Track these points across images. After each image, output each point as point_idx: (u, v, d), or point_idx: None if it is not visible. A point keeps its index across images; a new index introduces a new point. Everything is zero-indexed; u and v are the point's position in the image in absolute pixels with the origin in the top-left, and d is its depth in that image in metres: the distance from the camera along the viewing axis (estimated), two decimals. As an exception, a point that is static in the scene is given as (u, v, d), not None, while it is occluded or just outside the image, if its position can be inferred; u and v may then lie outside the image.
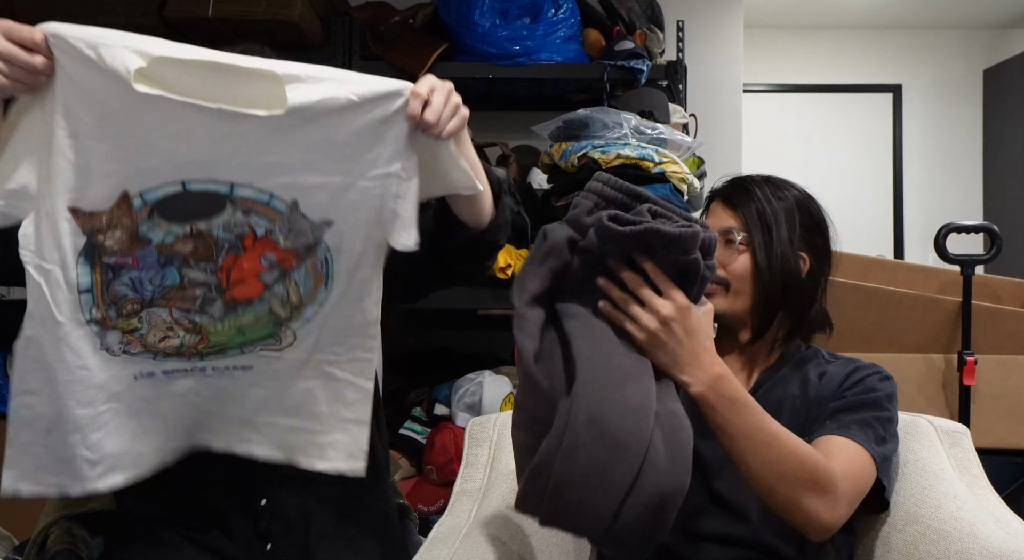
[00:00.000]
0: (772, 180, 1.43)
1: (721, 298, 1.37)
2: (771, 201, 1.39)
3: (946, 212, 5.04)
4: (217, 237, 1.16)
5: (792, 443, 1.17)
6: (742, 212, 1.38)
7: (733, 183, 1.43)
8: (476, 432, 1.59)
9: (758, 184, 1.41)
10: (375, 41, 2.76)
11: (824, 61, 5.54)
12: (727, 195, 1.42)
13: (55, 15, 2.58)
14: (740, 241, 1.37)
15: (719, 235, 1.36)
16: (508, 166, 2.98)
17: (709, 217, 1.44)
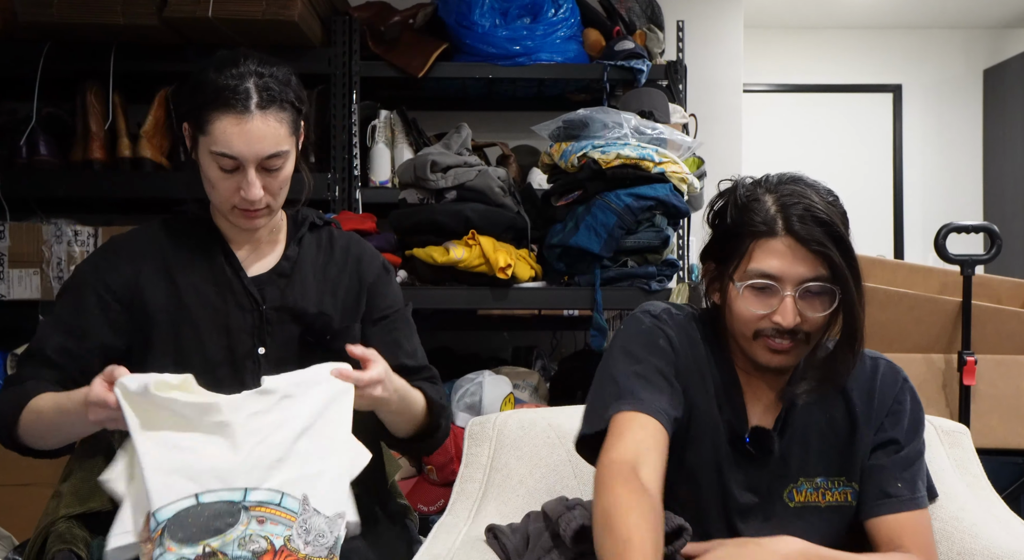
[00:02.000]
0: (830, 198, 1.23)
1: (795, 353, 1.23)
2: (848, 240, 1.21)
3: (946, 212, 5.03)
4: (233, 557, 1.16)
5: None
6: (830, 260, 1.17)
7: (816, 220, 1.18)
8: (476, 432, 1.59)
9: (833, 215, 1.20)
10: (375, 41, 2.76)
11: (824, 61, 5.54)
12: (810, 237, 1.17)
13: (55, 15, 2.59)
14: (826, 292, 1.19)
15: (801, 286, 1.18)
16: (508, 166, 2.98)
17: (773, 260, 1.19)
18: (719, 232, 1.27)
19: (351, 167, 2.73)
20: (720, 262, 1.26)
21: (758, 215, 1.19)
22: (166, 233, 1.51)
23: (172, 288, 1.45)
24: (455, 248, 2.21)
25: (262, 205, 1.42)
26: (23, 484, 2.34)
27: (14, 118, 2.78)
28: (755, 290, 1.19)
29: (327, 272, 1.55)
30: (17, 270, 2.57)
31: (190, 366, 1.40)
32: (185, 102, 1.44)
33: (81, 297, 1.43)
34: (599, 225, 2.19)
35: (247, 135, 1.36)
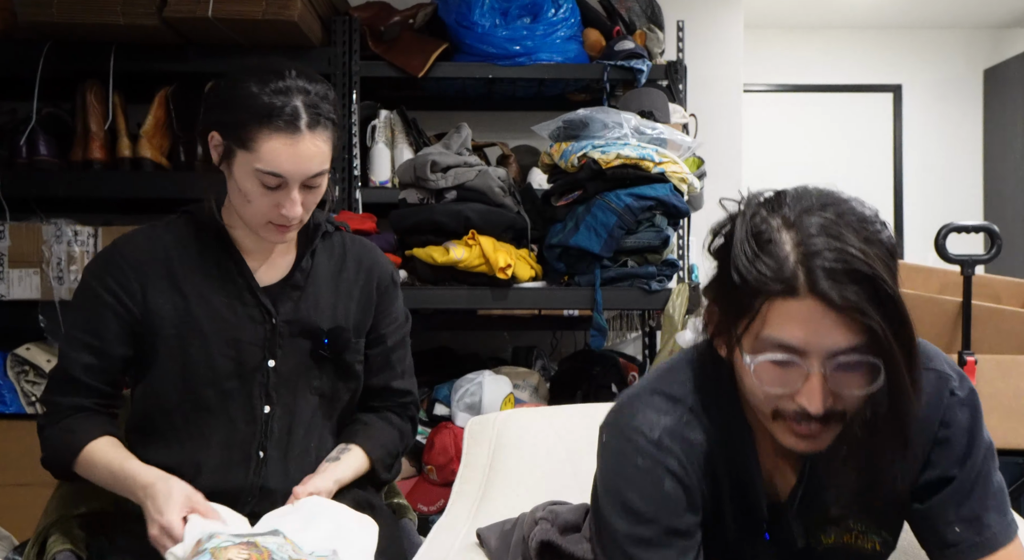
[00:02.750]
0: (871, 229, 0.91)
1: (827, 436, 0.96)
2: (897, 295, 0.89)
3: (946, 212, 5.03)
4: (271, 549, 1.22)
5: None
6: (871, 326, 0.87)
7: (852, 275, 0.87)
8: (476, 432, 1.59)
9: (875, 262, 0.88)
10: (375, 41, 2.76)
11: (824, 61, 5.54)
12: (844, 301, 0.87)
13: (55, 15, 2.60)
14: (866, 365, 0.91)
15: (833, 359, 0.90)
16: (508, 166, 2.98)
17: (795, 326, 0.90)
18: (724, 274, 0.96)
19: (351, 167, 2.73)
20: (727, 312, 0.96)
21: (773, 265, 0.89)
22: (173, 237, 1.47)
23: (180, 298, 1.42)
24: (455, 248, 2.21)
25: (296, 221, 1.40)
26: (23, 484, 2.34)
27: (14, 118, 2.78)
28: (773, 364, 0.92)
29: (339, 283, 1.53)
30: (17, 270, 2.57)
31: (197, 378, 1.41)
32: (220, 112, 1.38)
33: (97, 313, 1.41)
34: (599, 225, 2.19)
35: (297, 156, 1.34)
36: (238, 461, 1.43)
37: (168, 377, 1.41)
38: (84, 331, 1.41)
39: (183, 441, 1.42)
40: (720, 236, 0.98)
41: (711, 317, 1.02)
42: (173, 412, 1.42)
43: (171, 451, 1.42)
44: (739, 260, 0.92)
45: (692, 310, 2.29)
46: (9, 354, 2.58)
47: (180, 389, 1.42)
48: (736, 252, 0.93)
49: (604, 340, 2.30)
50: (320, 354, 1.47)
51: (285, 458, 1.45)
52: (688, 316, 2.28)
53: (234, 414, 1.43)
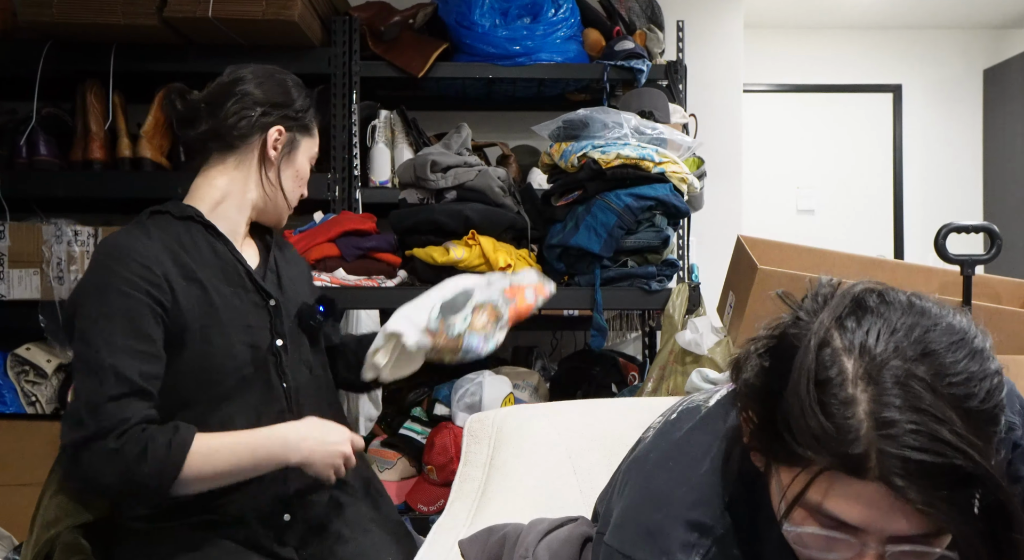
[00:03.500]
0: (977, 399, 0.73)
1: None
2: (1002, 490, 0.70)
3: (946, 212, 5.03)
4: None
5: None
6: (953, 521, 0.70)
7: (933, 471, 0.69)
8: (475, 430, 1.58)
9: (971, 448, 0.69)
10: (375, 41, 2.76)
11: (824, 61, 5.53)
12: (919, 497, 0.69)
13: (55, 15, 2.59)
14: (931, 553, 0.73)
15: (895, 546, 0.73)
16: (508, 166, 2.98)
17: (855, 506, 0.72)
18: (767, 402, 0.77)
19: (351, 167, 2.73)
20: (767, 440, 0.79)
21: (837, 437, 0.70)
22: (169, 233, 1.46)
23: (199, 289, 1.43)
24: (455, 248, 2.21)
25: None
26: (23, 484, 2.34)
27: (14, 118, 2.78)
28: (819, 536, 0.75)
29: (291, 264, 1.66)
30: (17, 270, 2.57)
31: (218, 369, 1.42)
32: (295, 108, 1.59)
33: (139, 315, 1.34)
34: (599, 225, 2.19)
35: None
36: None
37: (191, 372, 1.41)
38: (134, 337, 1.32)
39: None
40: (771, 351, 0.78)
41: (748, 423, 0.82)
42: (194, 406, 1.41)
43: None
44: (796, 419, 0.72)
45: (692, 310, 2.29)
46: (9, 354, 2.58)
47: (202, 382, 1.42)
48: (792, 401, 0.72)
49: (604, 340, 2.30)
50: (309, 326, 1.56)
51: None
52: (688, 316, 2.28)
53: (253, 399, 1.46)
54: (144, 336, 1.33)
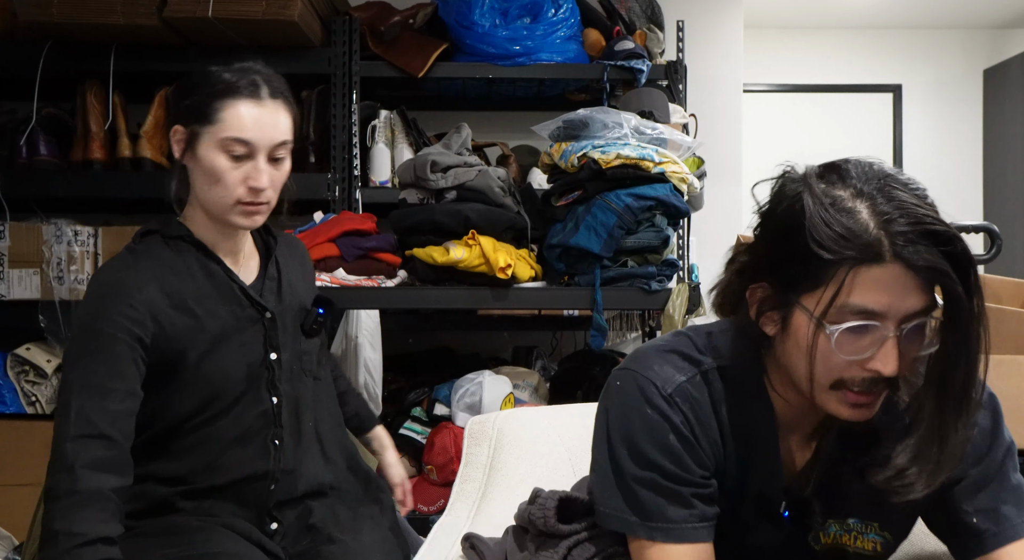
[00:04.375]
0: (929, 200, 0.96)
1: (877, 404, 0.98)
2: (970, 254, 0.93)
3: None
4: None
5: None
6: (947, 288, 0.91)
7: (929, 236, 0.91)
8: (475, 431, 1.59)
9: (944, 223, 0.93)
10: (375, 41, 2.76)
11: (824, 61, 5.54)
12: (926, 263, 0.90)
13: (55, 15, 2.59)
14: (927, 327, 0.94)
15: (908, 324, 0.92)
16: (508, 166, 2.98)
17: (877, 292, 0.91)
18: (782, 247, 0.95)
19: (351, 167, 2.73)
20: (784, 285, 0.96)
21: (854, 233, 0.89)
22: (155, 258, 1.43)
23: (191, 318, 1.40)
24: (455, 248, 2.21)
25: (266, 198, 1.43)
26: (23, 484, 2.35)
27: (14, 118, 2.78)
28: (850, 332, 0.92)
29: (295, 266, 1.61)
30: (17, 270, 2.57)
31: (212, 390, 1.41)
32: (186, 99, 1.43)
33: (115, 356, 1.32)
34: (599, 225, 2.19)
35: (261, 120, 1.40)
36: (255, 455, 1.46)
37: (184, 396, 1.41)
38: (107, 376, 1.31)
39: (191, 449, 1.42)
40: (779, 210, 0.97)
41: (753, 295, 1.00)
42: (182, 426, 1.42)
43: (180, 462, 1.42)
44: (819, 230, 0.91)
45: (692, 310, 2.29)
46: (9, 354, 2.58)
47: (195, 404, 1.41)
48: (814, 222, 0.91)
49: (604, 340, 2.29)
50: (312, 328, 1.55)
51: (296, 443, 1.50)
52: (688, 316, 2.28)
53: (243, 412, 1.45)
54: (118, 374, 1.32)
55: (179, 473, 1.41)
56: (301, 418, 1.51)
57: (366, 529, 1.53)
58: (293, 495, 1.48)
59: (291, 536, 1.47)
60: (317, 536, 1.48)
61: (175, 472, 1.41)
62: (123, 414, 1.32)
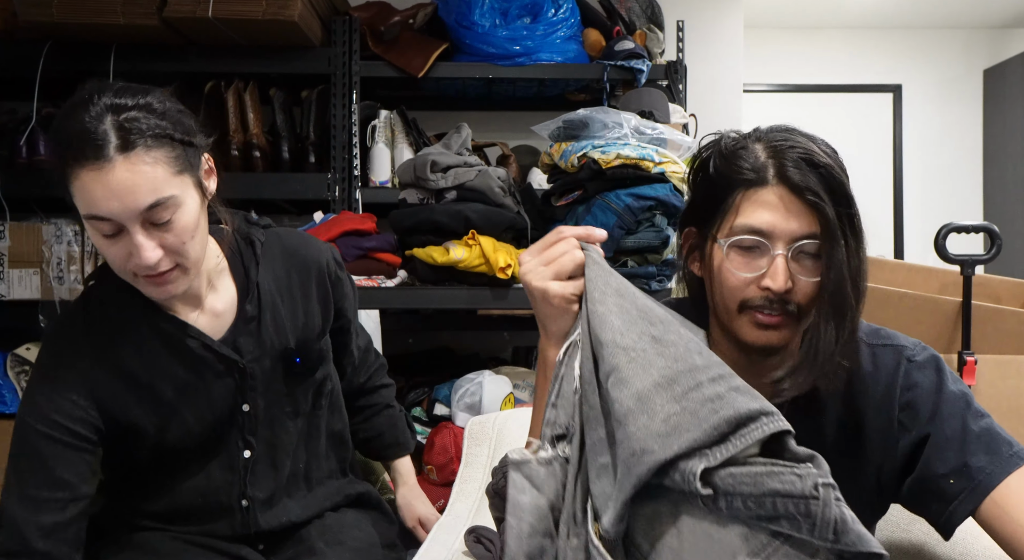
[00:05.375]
0: (829, 149, 1.07)
1: (785, 330, 1.04)
2: (850, 191, 1.03)
3: (946, 212, 5.04)
4: None
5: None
6: (824, 214, 1.01)
7: (813, 165, 1.02)
8: (476, 431, 1.59)
9: (833, 161, 1.04)
10: (375, 41, 2.76)
11: (824, 61, 5.54)
12: (806, 185, 1.01)
13: (55, 15, 2.59)
14: (818, 252, 1.02)
15: (794, 245, 1.02)
16: (508, 166, 2.98)
17: (763, 213, 1.02)
18: (701, 190, 1.10)
19: (351, 167, 2.73)
20: (702, 224, 1.09)
21: (747, 162, 1.03)
22: (98, 325, 1.28)
23: (145, 391, 1.28)
24: (455, 248, 2.21)
25: (167, 267, 1.19)
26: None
27: (14, 118, 2.78)
28: (742, 250, 1.03)
29: (292, 289, 1.41)
30: (17, 270, 2.57)
31: (173, 446, 1.33)
32: (52, 160, 1.19)
33: (52, 460, 1.22)
34: (599, 225, 2.19)
35: (111, 188, 1.12)
36: (216, 511, 1.37)
37: (146, 456, 1.33)
38: (40, 485, 1.21)
39: (156, 491, 1.37)
40: (698, 161, 1.11)
41: (686, 241, 1.14)
42: (144, 472, 1.36)
43: (147, 500, 1.37)
44: (718, 161, 1.07)
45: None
46: (9, 354, 2.58)
47: (157, 462, 1.34)
48: (715, 161, 1.07)
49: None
50: (294, 373, 1.39)
51: (271, 496, 1.40)
52: (688, 316, 2.28)
53: (209, 463, 1.36)
54: (54, 482, 1.21)
55: (149, 509, 1.37)
56: (280, 466, 1.41)
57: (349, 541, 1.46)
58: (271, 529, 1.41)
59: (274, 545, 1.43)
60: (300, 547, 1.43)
61: (144, 507, 1.37)
62: (62, 525, 1.21)
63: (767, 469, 0.81)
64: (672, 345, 0.90)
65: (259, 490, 1.39)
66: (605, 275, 0.98)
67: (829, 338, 1.01)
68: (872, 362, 1.09)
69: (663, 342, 0.90)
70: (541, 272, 0.98)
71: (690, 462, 0.81)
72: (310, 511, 1.45)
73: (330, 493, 1.50)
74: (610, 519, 0.83)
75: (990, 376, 2.35)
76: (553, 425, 0.95)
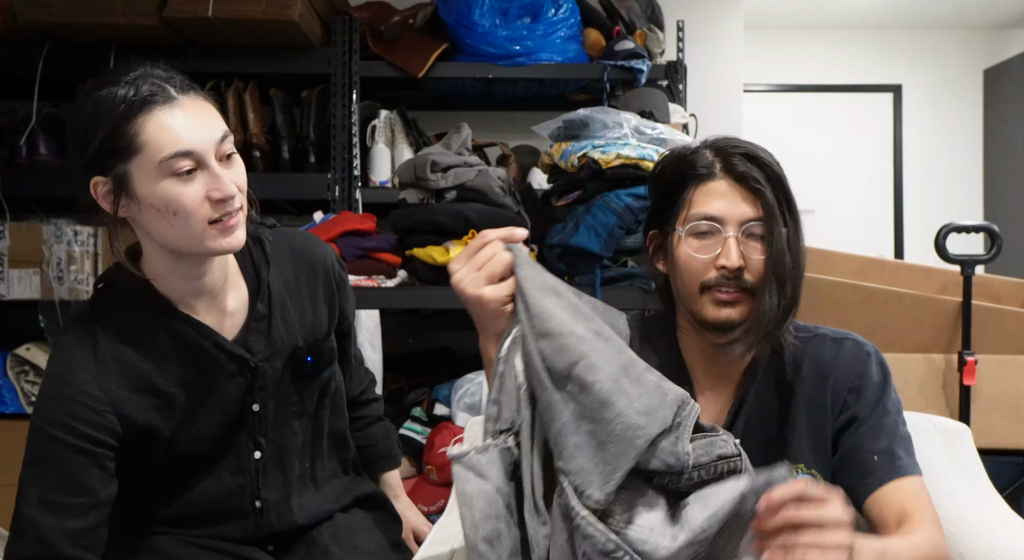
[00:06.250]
0: (762, 147, 1.23)
1: (742, 306, 1.19)
2: (787, 182, 1.21)
3: (946, 212, 5.03)
4: None
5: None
6: (765, 198, 1.18)
7: (754, 159, 1.19)
8: (475, 432, 1.59)
9: (772, 159, 1.21)
10: (375, 41, 2.76)
11: (824, 61, 5.54)
12: (749, 175, 1.18)
13: (55, 15, 2.59)
14: (763, 233, 1.18)
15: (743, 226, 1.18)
16: (508, 166, 2.98)
17: (713, 201, 1.19)
18: (659, 193, 1.28)
19: (351, 167, 2.73)
20: (663, 223, 1.26)
21: (697, 162, 1.22)
22: (118, 331, 1.27)
23: (156, 397, 1.28)
24: (455, 248, 2.21)
25: (238, 204, 1.22)
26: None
27: (14, 118, 2.78)
28: (698, 235, 1.20)
29: (300, 289, 1.42)
30: (17, 270, 2.57)
31: (185, 451, 1.33)
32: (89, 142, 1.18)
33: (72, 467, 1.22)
34: (599, 225, 2.19)
35: (188, 121, 1.18)
36: (228, 514, 1.37)
37: (158, 461, 1.32)
38: (64, 492, 1.21)
39: (166, 498, 1.36)
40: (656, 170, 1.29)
41: (651, 243, 1.31)
42: (155, 480, 1.35)
43: (158, 507, 1.36)
44: (672, 166, 1.25)
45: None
46: (9, 354, 2.58)
47: (169, 467, 1.33)
48: (670, 164, 1.26)
49: (604, 340, 2.29)
50: (303, 373, 1.39)
51: (286, 497, 1.40)
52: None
53: (219, 466, 1.36)
54: (77, 488, 1.22)
55: (158, 516, 1.36)
56: (288, 468, 1.40)
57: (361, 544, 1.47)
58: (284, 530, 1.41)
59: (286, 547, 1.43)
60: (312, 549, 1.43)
61: (153, 513, 1.36)
62: (87, 530, 1.22)
63: (710, 439, 0.99)
64: (610, 338, 1.02)
65: (271, 492, 1.38)
66: (537, 274, 1.06)
67: (772, 303, 1.17)
68: (836, 350, 1.25)
69: (603, 335, 1.02)
70: (474, 278, 1.07)
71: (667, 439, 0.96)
72: (321, 510, 1.45)
73: (337, 493, 1.50)
74: (603, 490, 0.92)
75: (990, 376, 2.35)
76: (496, 420, 1.01)
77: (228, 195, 1.19)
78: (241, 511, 1.37)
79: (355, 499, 1.52)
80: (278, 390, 1.37)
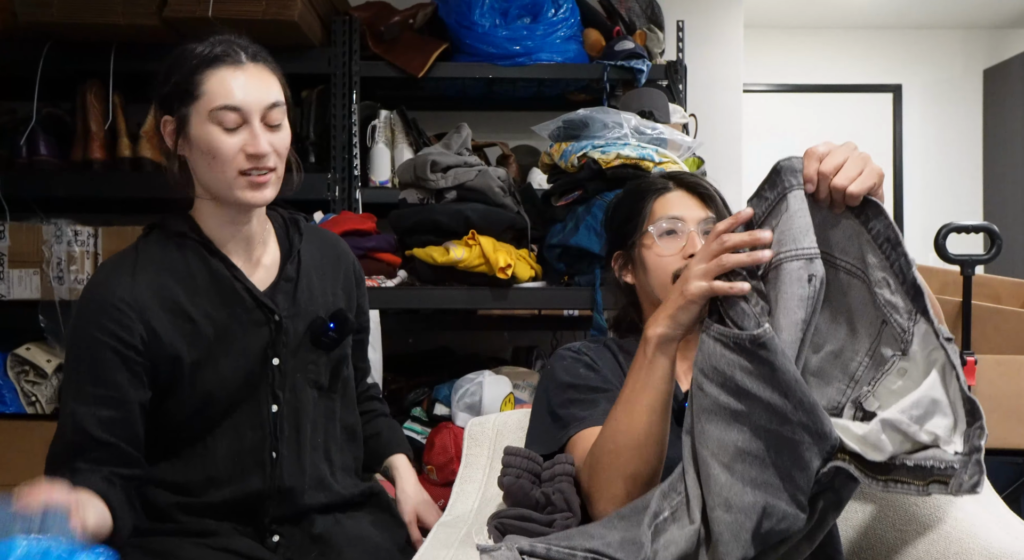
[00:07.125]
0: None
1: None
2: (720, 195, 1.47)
3: (946, 212, 5.03)
4: None
5: None
6: (715, 202, 1.44)
7: (696, 178, 1.48)
8: (475, 432, 1.59)
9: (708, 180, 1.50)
10: (375, 41, 2.76)
11: (824, 61, 5.54)
12: (698, 185, 1.46)
13: (55, 15, 2.59)
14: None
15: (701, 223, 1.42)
16: (508, 166, 2.98)
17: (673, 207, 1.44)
18: (618, 219, 1.51)
19: (351, 167, 2.73)
20: (624, 241, 1.48)
21: (655, 182, 1.48)
22: (155, 257, 1.40)
23: (188, 324, 1.37)
24: (455, 248, 2.21)
25: (270, 163, 1.36)
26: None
27: (14, 118, 2.78)
28: (664, 236, 1.42)
29: (325, 270, 1.53)
30: (17, 270, 2.57)
31: (208, 396, 1.38)
32: (166, 85, 1.36)
33: (104, 362, 1.32)
34: (599, 225, 2.19)
35: (246, 83, 1.34)
36: (251, 467, 1.41)
37: (180, 402, 1.38)
38: (95, 383, 1.32)
39: (189, 458, 1.40)
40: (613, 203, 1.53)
41: (616, 263, 1.51)
42: (180, 430, 1.40)
43: (176, 469, 1.40)
44: (628, 195, 1.52)
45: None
46: (9, 354, 2.58)
47: (190, 410, 1.39)
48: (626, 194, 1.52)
49: (604, 340, 2.29)
50: (322, 342, 1.47)
51: (299, 456, 1.45)
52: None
53: (239, 420, 1.41)
54: (106, 381, 1.32)
55: (178, 481, 1.40)
56: (302, 430, 1.45)
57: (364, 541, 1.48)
58: (294, 511, 1.44)
59: (295, 547, 1.44)
60: (325, 549, 1.44)
61: (175, 478, 1.40)
62: (118, 420, 1.32)
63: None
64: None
65: (286, 447, 1.44)
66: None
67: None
68: None
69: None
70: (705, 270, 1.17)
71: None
72: (331, 491, 1.48)
73: (347, 485, 1.52)
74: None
75: (990, 376, 2.36)
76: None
77: (261, 152, 1.34)
78: (260, 463, 1.42)
79: (362, 493, 1.53)
80: (298, 351, 1.45)
